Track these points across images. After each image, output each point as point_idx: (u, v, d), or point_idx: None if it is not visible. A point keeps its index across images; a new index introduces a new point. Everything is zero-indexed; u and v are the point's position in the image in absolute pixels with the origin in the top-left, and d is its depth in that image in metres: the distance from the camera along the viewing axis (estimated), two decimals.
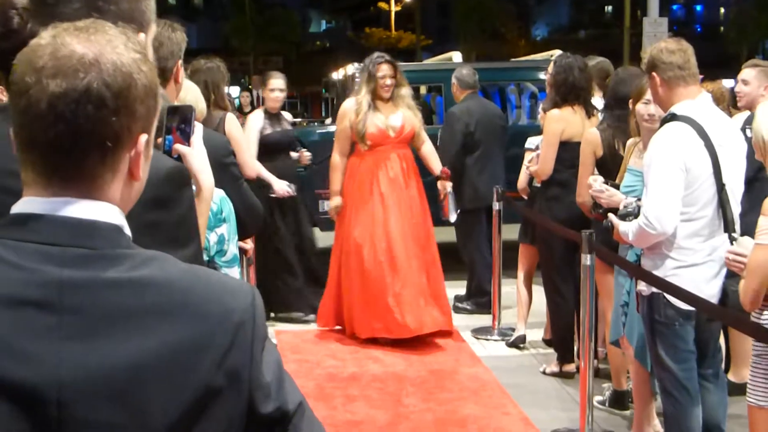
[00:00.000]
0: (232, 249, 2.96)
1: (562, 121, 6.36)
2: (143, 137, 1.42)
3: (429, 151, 7.86)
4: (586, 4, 73.00)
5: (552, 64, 6.64)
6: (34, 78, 1.34)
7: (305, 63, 45.40)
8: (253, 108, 16.44)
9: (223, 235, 2.92)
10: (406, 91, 7.60)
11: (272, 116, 8.27)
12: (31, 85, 1.34)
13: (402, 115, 7.50)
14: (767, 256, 3.70)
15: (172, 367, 1.34)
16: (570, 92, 6.38)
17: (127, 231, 1.44)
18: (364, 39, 49.66)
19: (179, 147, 2.54)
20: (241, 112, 16.54)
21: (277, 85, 8.29)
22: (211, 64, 6.35)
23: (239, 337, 1.41)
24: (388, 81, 7.41)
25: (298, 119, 21.21)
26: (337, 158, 7.62)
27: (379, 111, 7.44)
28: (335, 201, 7.65)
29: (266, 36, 43.29)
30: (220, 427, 1.39)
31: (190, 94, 4.99)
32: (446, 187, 7.83)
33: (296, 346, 7.46)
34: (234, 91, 26.58)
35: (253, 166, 6.65)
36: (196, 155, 2.59)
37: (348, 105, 7.61)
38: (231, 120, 6.17)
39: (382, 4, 55.24)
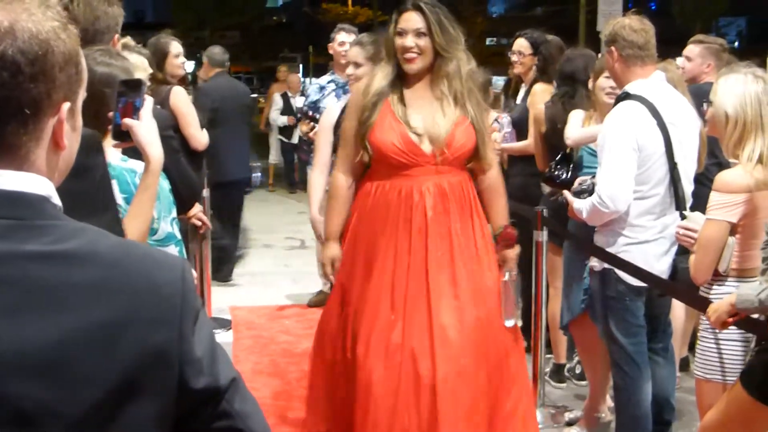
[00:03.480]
0: (164, 227, 2.94)
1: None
2: (65, 105, 1.41)
3: (492, 185, 4.35)
4: None
5: (527, 43, 6.56)
6: None
7: (262, 38, 45.12)
8: None
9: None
10: (458, 67, 4.17)
11: None
12: None
13: (450, 116, 4.15)
14: (719, 230, 3.76)
15: (101, 341, 1.32)
16: (550, 67, 6.36)
17: (56, 201, 1.41)
18: (321, 14, 49.43)
19: (127, 120, 2.58)
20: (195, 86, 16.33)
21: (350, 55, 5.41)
22: (152, 39, 6.31)
23: (167, 312, 1.39)
24: (409, 41, 4.11)
25: (255, 95, 21.03)
26: (339, 179, 4.35)
27: (409, 103, 4.19)
28: (331, 251, 4.38)
29: (222, 10, 42.88)
30: (150, 402, 1.37)
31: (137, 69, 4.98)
32: (507, 259, 4.35)
33: (251, 323, 7.46)
34: (189, 66, 26.25)
35: (200, 139, 6.17)
36: (144, 128, 2.60)
37: (363, 83, 4.41)
38: (177, 93, 6.10)
39: None
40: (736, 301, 3.45)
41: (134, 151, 3.00)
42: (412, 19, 4.11)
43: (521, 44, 6.59)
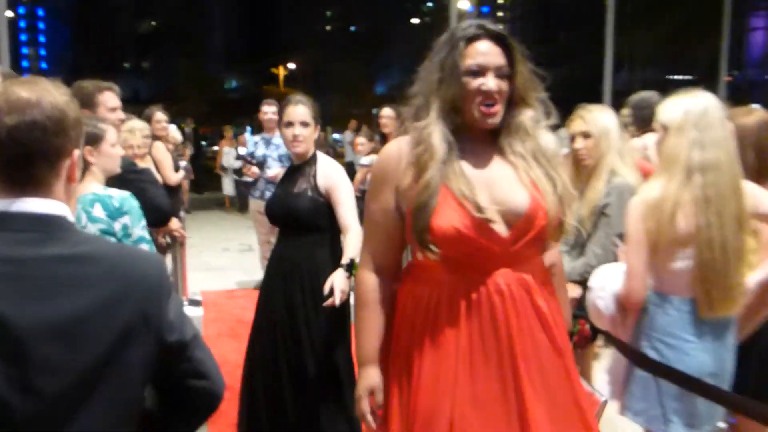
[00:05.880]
0: (137, 232, 2.86)
1: None
2: (76, 152, 1.45)
3: (556, 268, 2.18)
4: None
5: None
6: None
7: (222, 107, 45.05)
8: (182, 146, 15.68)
9: (125, 223, 2.83)
10: (533, 119, 1.98)
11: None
12: None
13: (526, 180, 1.93)
14: None
15: (104, 313, 1.37)
16: None
17: (71, 218, 1.44)
18: (264, 94, 49.27)
19: None
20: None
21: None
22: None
23: (151, 292, 1.44)
24: (492, 83, 1.89)
25: (216, 147, 20.66)
26: (367, 279, 2.05)
27: (470, 169, 1.94)
28: (369, 379, 2.00)
29: (194, 88, 42.68)
30: (139, 351, 1.42)
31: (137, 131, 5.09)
32: None
33: (216, 302, 7.35)
34: (172, 128, 25.65)
35: (171, 177, 6.08)
36: None
37: (393, 149, 2.01)
38: (156, 147, 6.17)
39: (274, 70, 54.99)
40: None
41: (113, 183, 2.98)
42: (492, 52, 1.95)
43: None
